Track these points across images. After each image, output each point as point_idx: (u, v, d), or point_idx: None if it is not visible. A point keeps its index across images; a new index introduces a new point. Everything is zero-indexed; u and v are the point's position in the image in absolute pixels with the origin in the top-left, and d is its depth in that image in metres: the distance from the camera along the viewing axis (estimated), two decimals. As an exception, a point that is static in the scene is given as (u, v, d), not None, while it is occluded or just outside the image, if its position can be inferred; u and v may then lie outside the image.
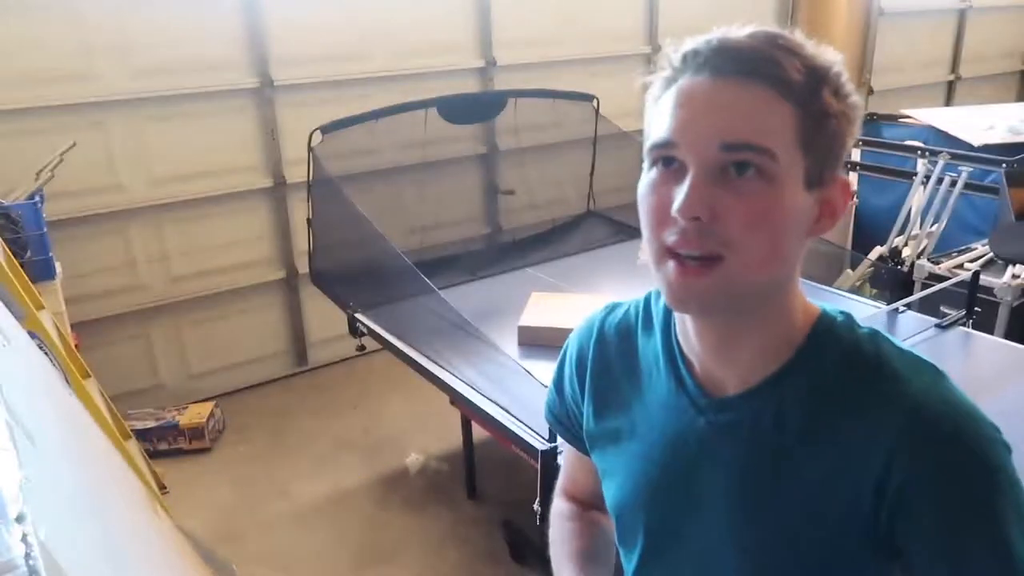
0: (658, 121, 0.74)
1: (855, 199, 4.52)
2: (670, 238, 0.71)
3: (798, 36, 0.74)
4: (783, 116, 0.70)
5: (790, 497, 0.76)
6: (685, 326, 0.82)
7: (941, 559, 0.70)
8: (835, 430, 0.74)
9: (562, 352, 0.99)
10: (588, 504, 1.05)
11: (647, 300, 0.91)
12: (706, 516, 0.82)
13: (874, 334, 0.78)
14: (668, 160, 0.72)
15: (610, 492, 0.92)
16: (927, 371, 0.74)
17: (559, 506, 1.08)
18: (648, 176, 0.74)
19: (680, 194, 0.70)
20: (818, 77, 0.71)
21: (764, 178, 0.69)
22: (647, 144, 0.74)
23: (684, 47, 0.74)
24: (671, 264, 0.72)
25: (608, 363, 0.92)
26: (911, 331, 2.44)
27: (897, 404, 0.72)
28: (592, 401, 0.93)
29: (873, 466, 0.71)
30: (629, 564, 0.95)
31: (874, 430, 0.72)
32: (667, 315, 0.86)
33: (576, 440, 1.00)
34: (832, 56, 0.73)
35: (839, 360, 0.76)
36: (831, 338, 0.78)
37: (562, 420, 1.01)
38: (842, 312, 0.81)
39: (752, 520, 0.78)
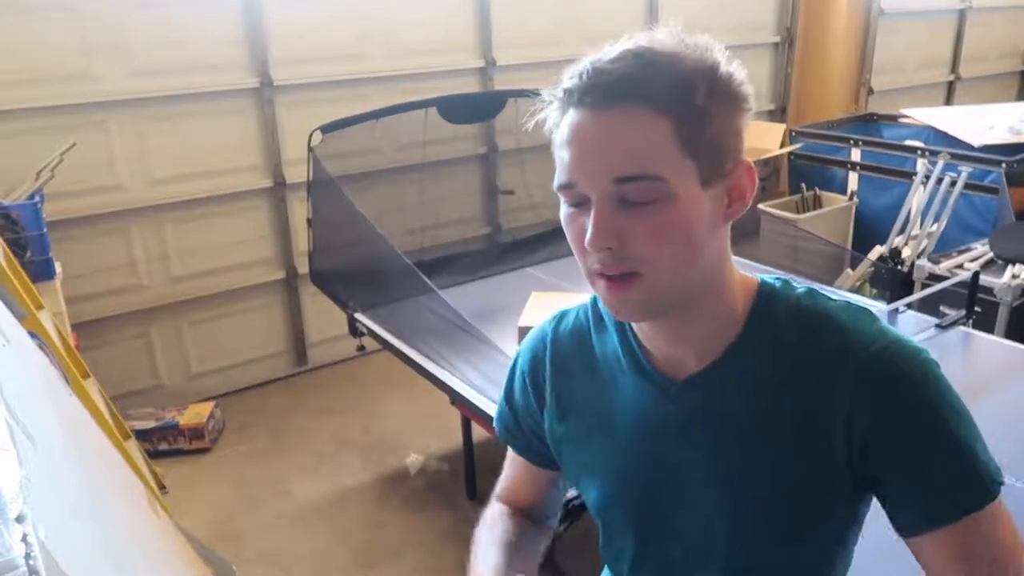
0: (558, 160, 0.79)
1: (855, 199, 4.52)
2: (593, 264, 0.78)
3: (668, 40, 0.77)
4: (662, 132, 0.73)
5: (768, 457, 0.80)
6: (640, 325, 0.87)
7: (910, 471, 0.77)
8: (797, 385, 0.80)
9: (512, 365, 1.02)
10: (523, 513, 1.07)
11: (594, 302, 0.95)
12: (693, 496, 0.85)
13: (811, 291, 0.84)
14: (574, 198, 0.78)
15: (592, 493, 0.93)
16: (864, 316, 0.81)
17: (493, 507, 1.10)
18: (564, 210, 0.80)
19: (588, 228, 0.75)
20: (687, 83, 0.74)
21: (661, 199, 0.73)
22: (555, 183, 0.79)
23: (565, 78, 0.79)
24: (601, 282, 0.79)
25: (567, 366, 0.95)
26: (911, 331, 2.43)
27: (848, 351, 0.78)
28: (555, 405, 0.96)
29: (839, 410, 0.77)
30: (621, 565, 0.95)
31: (832, 377, 0.78)
32: None
33: (527, 451, 1.04)
34: (703, 51, 0.76)
35: (786, 320, 0.82)
36: (774, 302, 0.83)
37: (513, 432, 1.04)
38: (778, 278, 0.86)
39: (736, 487, 0.82)
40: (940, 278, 3.12)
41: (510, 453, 1.08)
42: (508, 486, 1.10)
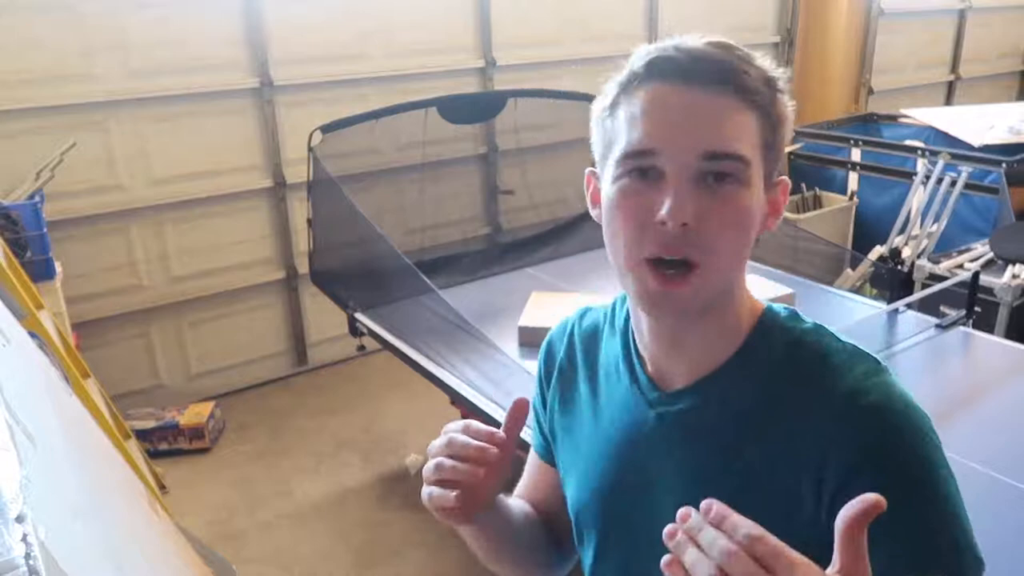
0: (625, 130, 0.75)
1: (855, 199, 4.52)
2: (650, 246, 0.73)
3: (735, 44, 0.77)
4: (749, 124, 0.74)
5: (736, 483, 0.77)
6: (640, 326, 0.85)
7: (886, 535, 0.68)
8: (778, 418, 0.77)
9: (539, 352, 1.03)
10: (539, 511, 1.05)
11: (614, 305, 0.94)
12: (657, 506, 0.82)
13: (817, 328, 0.81)
14: (644, 170, 0.74)
15: (569, 493, 0.94)
16: (866, 361, 0.77)
17: None
18: (617, 185, 0.76)
19: (667, 201, 0.72)
20: (773, 85, 0.76)
21: (740, 183, 0.73)
22: (615, 154, 0.76)
23: (649, 53, 0.76)
24: (649, 274, 0.74)
25: (574, 363, 0.95)
26: (911, 331, 2.43)
27: (835, 393, 0.74)
28: (556, 396, 0.97)
29: (813, 453, 0.73)
30: (585, 560, 0.95)
31: (814, 418, 0.74)
32: (627, 319, 0.89)
33: (542, 448, 1.02)
34: (772, 64, 0.78)
35: (783, 352, 0.79)
36: (775, 331, 0.81)
37: (539, 420, 1.03)
38: (787, 308, 0.84)
39: (697, 503, 0.78)
40: (940, 278, 3.12)
41: (532, 453, 1.06)
42: (525, 484, 1.08)
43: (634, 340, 0.87)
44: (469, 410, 2.32)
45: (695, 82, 0.73)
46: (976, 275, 2.50)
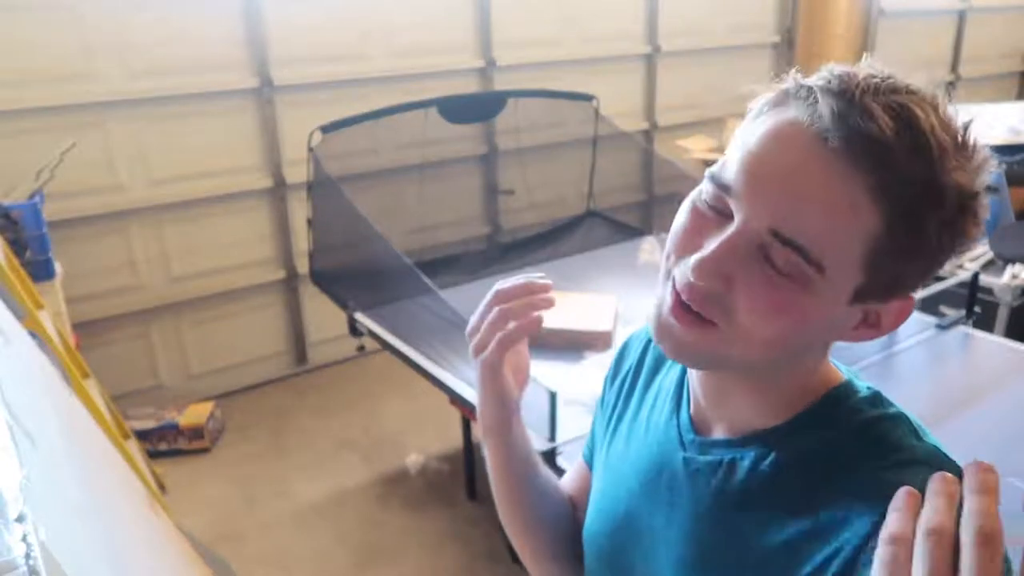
0: (737, 149, 0.63)
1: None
2: (678, 276, 0.64)
3: (944, 121, 0.58)
4: (862, 227, 0.57)
5: (742, 556, 0.68)
6: None
7: None
8: (811, 504, 0.64)
9: (616, 351, 0.96)
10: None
11: None
12: (656, 556, 0.77)
13: (899, 416, 0.67)
14: (718, 197, 0.63)
15: (587, 514, 0.89)
16: (947, 468, 0.62)
17: None
18: (694, 195, 0.65)
19: (706, 248, 0.61)
20: (936, 198, 0.57)
21: (799, 282, 0.59)
22: (713, 167, 0.64)
23: (817, 79, 0.61)
24: (669, 297, 0.65)
25: (638, 374, 0.88)
26: (911, 331, 2.44)
27: (888, 495, 0.56)
28: (612, 402, 0.90)
29: (832, 551, 0.61)
30: None
31: (852, 517, 0.60)
32: None
33: (587, 450, 0.97)
34: (970, 161, 0.59)
35: (847, 434, 0.66)
36: (845, 410, 0.68)
37: (596, 421, 0.96)
38: (870, 387, 0.70)
39: (695, 572, 0.72)
40: (940, 278, 3.11)
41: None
42: (569, 478, 1.03)
43: (687, 374, 0.79)
44: (469, 410, 2.32)
45: (833, 146, 0.57)
46: (976, 275, 2.50)
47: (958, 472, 0.54)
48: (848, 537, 0.59)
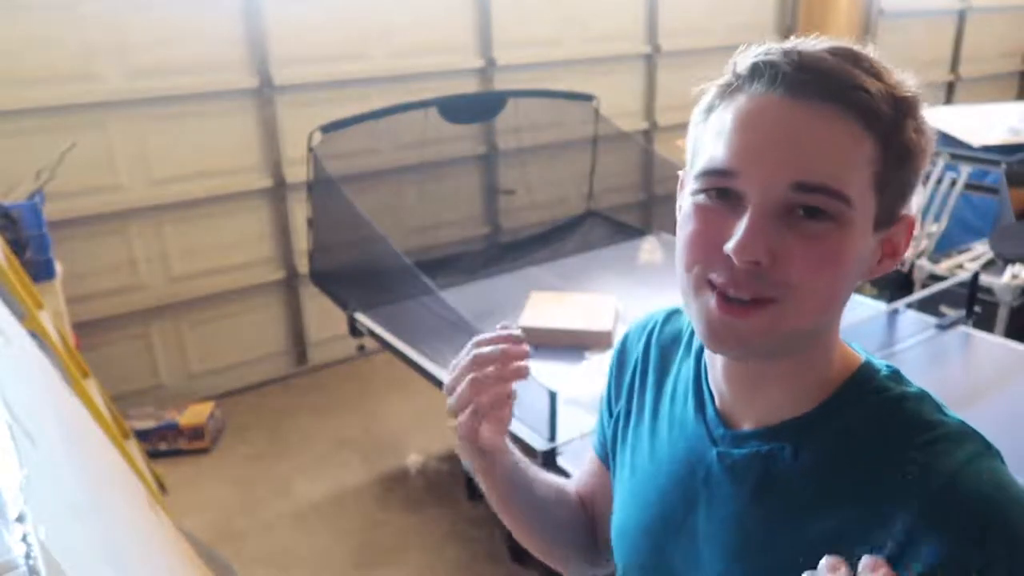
0: (712, 141, 0.66)
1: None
2: (715, 276, 0.64)
3: (878, 57, 0.65)
4: (864, 153, 0.62)
5: (786, 548, 0.68)
6: (713, 359, 0.77)
7: None
8: (851, 489, 0.67)
9: (614, 347, 0.95)
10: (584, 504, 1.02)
11: None
12: (698, 553, 0.77)
13: (922, 395, 0.70)
14: (723, 191, 0.64)
15: (614, 513, 0.88)
16: (973, 442, 0.65)
17: None
18: (693, 200, 0.67)
19: (738, 232, 0.62)
20: (903, 108, 0.63)
21: (835, 222, 0.62)
22: (697, 168, 0.67)
23: (755, 55, 0.65)
24: (712, 299, 0.65)
25: (647, 371, 0.88)
26: (911, 331, 2.44)
27: (929, 474, 0.63)
28: (625, 403, 0.90)
29: (884, 537, 0.63)
30: None
31: (895, 497, 0.63)
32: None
33: (600, 447, 0.97)
34: (912, 82, 0.66)
35: (874, 415, 0.69)
36: (870, 390, 0.70)
37: (603, 418, 0.96)
38: (888, 365, 0.73)
39: (743, 564, 0.72)
40: (940, 278, 3.12)
41: (591, 450, 1.01)
42: (579, 478, 1.03)
43: (705, 371, 0.79)
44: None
45: (801, 95, 0.62)
46: (976, 275, 2.50)
47: (984, 442, 0.65)
48: (892, 531, 0.62)
